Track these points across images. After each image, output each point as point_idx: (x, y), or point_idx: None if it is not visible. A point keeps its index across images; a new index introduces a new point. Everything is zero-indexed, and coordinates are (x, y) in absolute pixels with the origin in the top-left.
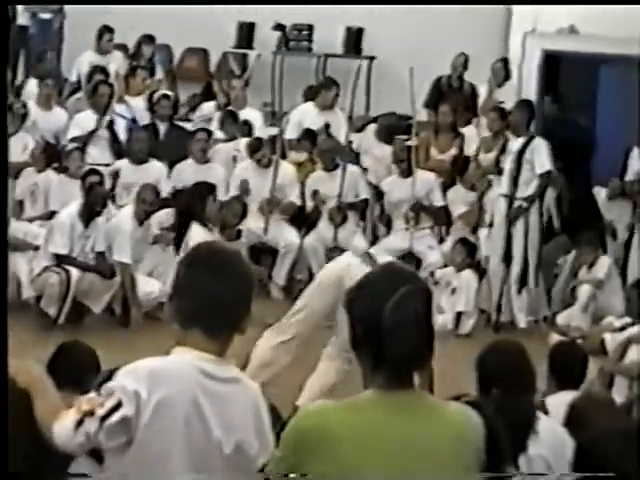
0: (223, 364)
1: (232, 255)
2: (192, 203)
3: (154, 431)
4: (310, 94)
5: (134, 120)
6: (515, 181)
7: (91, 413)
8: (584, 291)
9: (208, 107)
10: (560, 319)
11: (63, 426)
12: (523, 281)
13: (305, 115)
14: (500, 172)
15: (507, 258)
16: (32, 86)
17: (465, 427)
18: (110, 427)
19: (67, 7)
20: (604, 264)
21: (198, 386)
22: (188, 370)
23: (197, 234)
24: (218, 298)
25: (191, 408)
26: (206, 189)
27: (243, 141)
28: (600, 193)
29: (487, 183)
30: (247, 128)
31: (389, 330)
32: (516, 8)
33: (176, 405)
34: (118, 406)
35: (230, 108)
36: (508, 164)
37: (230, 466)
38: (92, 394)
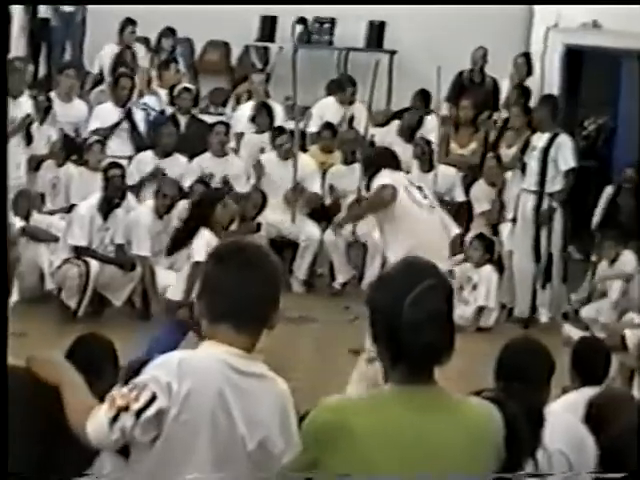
0: (250, 359)
1: (260, 252)
2: (200, 214)
3: (181, 423)
4: (333, 88)
5: (162, 112)
6: (542, 177)
7: (125, 408)
8: (616, 287)
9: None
10: (585, 312)
11: (97, 423)
12: (547, 276)
13: (326, 109)
14: (523, 168)
15: (537, 254)
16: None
17: (485, 422)
18: (146, 421)
19: None
20: (630, 258)
21: (225, 379)
22: (215, 363)
23: (202, 240)
24: (247, 294)
25: (217, 401)
26: (214, 197)
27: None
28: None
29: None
30: (270, 121)
31: (408, 325)
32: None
33: (203, 397)
34: (153, 399)
35: (264, 100)
36: (533, 160)
37: (252, 463)
38: (124, 389)
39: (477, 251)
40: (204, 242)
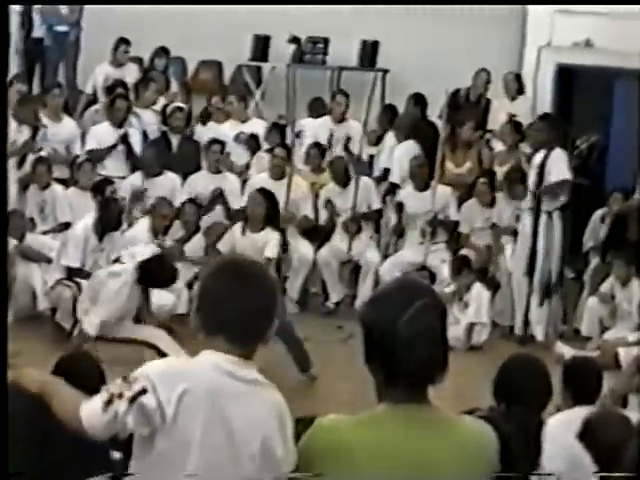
0: (245, 366)
1: (257, 268)
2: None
3: (177, 425)
4: (316, 107)
5: (144, 133)
6: (539, 195)
7: (119, 395)
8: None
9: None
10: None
11: (91, 407)
12: (547, 293)
13: (320, 128)
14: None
15: (530, 271)
16: None
17: (480, 442)
18: (137, 409)
19: (84, 20)
20: None
21: (219, 384)
22: (210, 367)
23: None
24: (243, 310)
25: (212, 404)
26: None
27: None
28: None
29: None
30: (254, 141)
31: (403, 344)
32: (531, 22)
33: (196, 399)
34: (144, 391)
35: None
36: (531, 177)
37: (257, 467)
38: (118, 380)
39: (463, 277)
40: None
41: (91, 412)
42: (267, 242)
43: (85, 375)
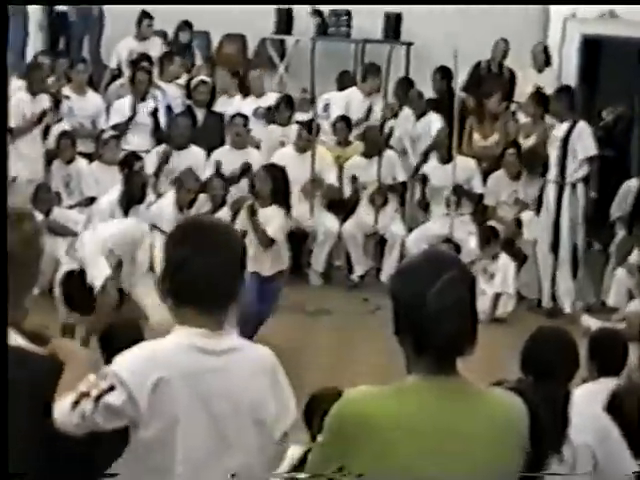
0: (217, 337)
1: (215, 227)
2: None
3: (157, 413)
4: (345, 80)
5: (169, 107)
6: (562, 167)
7: (87, 394)
8: None
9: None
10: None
11: (62, 406)
12: (574, 266)
13: (351, 101)
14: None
15: (555, 245)
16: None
17: (509, 414)
18: (104, 408)
19: None
20: None
21: (193, 364)
22: (183, 350)
23: None
24: (205, 273)
25: (189, 387)
26: None
27: (293, 128)
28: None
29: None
30: (290, 115)
31: (433, 316)
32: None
33: (173, 386)
34: (111, 389)
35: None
36: (554, 150)
37: (253, 436)
38: (91, 376)
39: (490, 246)
40: None
41: (61, 411)
42: (272, 218)
43: (130, 341)
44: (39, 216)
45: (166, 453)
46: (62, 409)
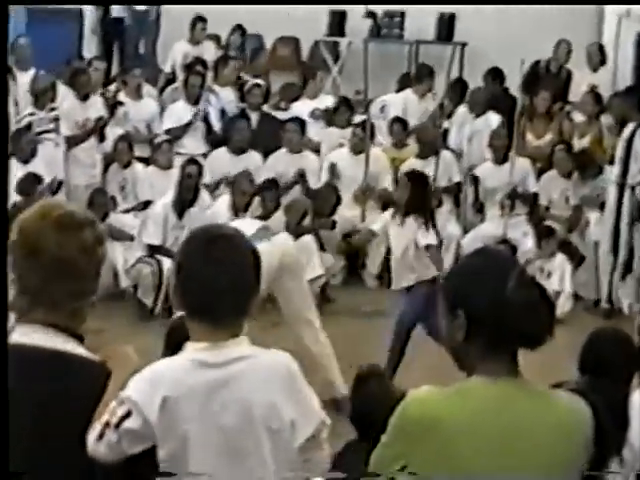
0: (223, 348)
1: (225, 237)
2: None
3: (167, 432)
4: (405, 82)
5: (223, 110)
6: (625, 168)
7: (107, 424)
8: None
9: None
10: None
11: (91, 437)
12: (628, 268)
13: (408, 102)
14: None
15: (615, 247)
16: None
17: (575, 415)
18: (125, 434)
19: None
20: None
21: (200, 380)
22: (189, 367)
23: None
24: (214, 284)
25: (197, 404)
26: None
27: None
28: None
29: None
30: (349, 117)
31: (517, 311)
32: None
33: (180, 404)
34: (129, 414)
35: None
36: (619, 151)
37: (263, 446)
38: (112, 402)
39: (547, 244)
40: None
41: (91, 443)
42: (414, 229)
43: None
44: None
45: (180, 470)
46: (91, 440)
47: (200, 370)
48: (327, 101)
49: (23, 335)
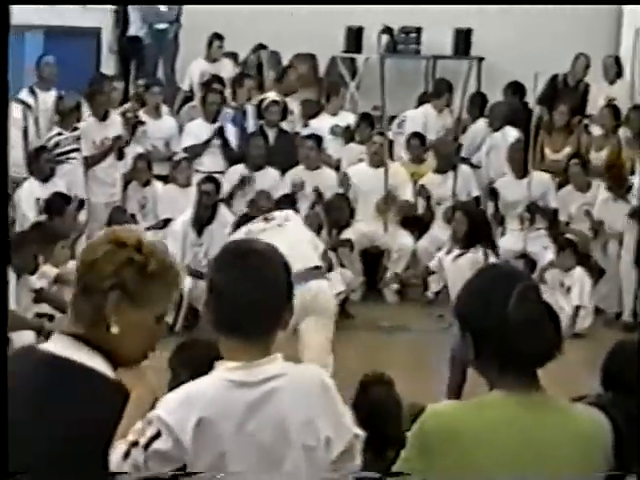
0: (256, 367)
1: (256, 252)
2: None
3: (202, 453)
4: (424, 98)
5: (243, 128)
6: None
7: (135, 443)
8: None
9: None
10: None
11: (115, 457)
12: None
13: (427, 117)
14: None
15: (638, 259)
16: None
17: (595, 429)
18: (153, 455)
19: (183, 16)
20: None
21: (233, 401)
22: (221, 387)
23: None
24: (244, 299)
25: (231, 423)
26: None
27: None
28: None
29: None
30: (349, 133)
31: (518, 328)
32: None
33: (214, 424)
34: (158, 434)
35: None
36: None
37: (299, 463)
38: (139, 423)
39: (566, 256)
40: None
41: (115, 461)
42: (473, 262)
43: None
44: None
45: None
46: (115, 459)
47: (236, 390)
48: (348, 118)
49: (54, 344)
